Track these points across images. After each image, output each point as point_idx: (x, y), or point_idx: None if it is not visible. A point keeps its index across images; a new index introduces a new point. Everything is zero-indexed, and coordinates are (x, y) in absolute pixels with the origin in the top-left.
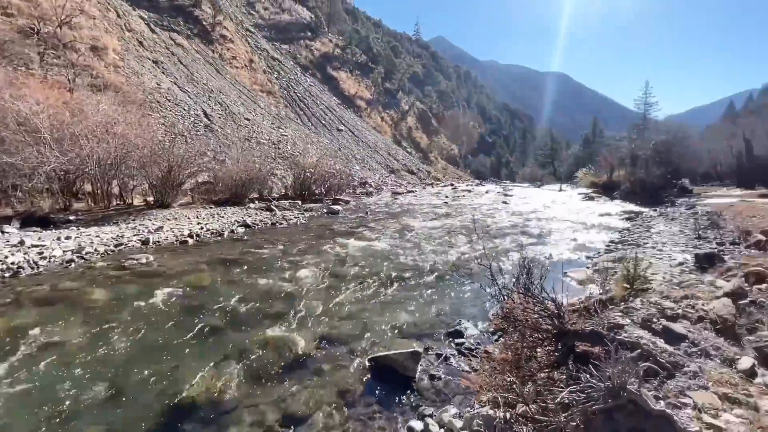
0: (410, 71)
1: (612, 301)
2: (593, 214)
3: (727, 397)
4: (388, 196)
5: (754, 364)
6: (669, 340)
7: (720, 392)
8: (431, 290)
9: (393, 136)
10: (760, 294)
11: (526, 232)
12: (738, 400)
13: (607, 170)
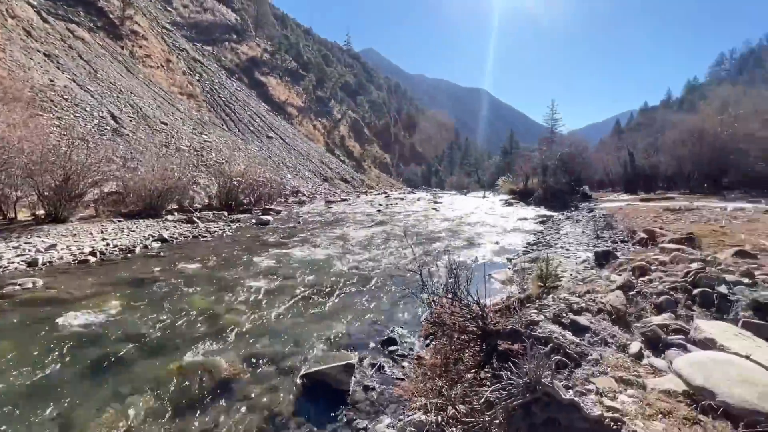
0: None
1: (529, 299)
2: (512, 218)
3: (622, 380)
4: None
5: (641, 347)
6: (575, 332)
7: (617, 376)
8: (366, 299)
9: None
10: (644, 285)
11: (455, 237)
12: (630, 381)
13: (523, 178)
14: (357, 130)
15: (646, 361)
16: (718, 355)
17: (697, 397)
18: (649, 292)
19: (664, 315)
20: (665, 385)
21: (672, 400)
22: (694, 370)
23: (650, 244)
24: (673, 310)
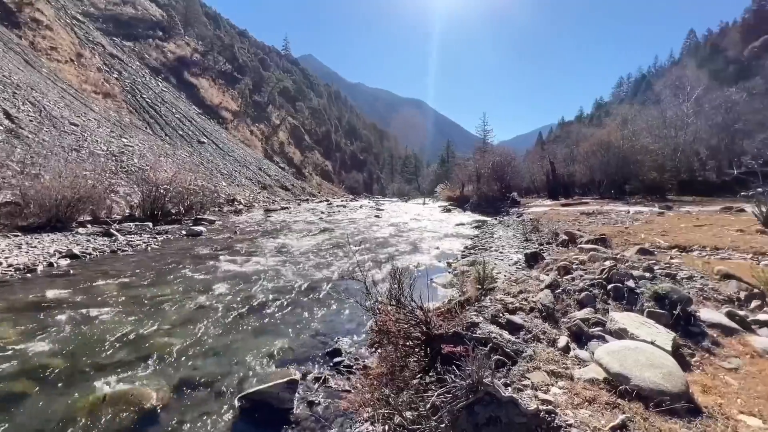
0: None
1: (468, 301)
2: (451, 224)
3: (553, 373)
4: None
5: (568, 341)
6: (511, 331)
7: (548, 369)
8: (309, 310)
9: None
10: (568, 283)
11: (397, 243)
12: (560, 373)
13: (460, 186)
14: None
15: (573, 353)
16: (630, 343)
17: (616, 382)
18: (572, 290)
19: (586, 310)
20: (589, 374)
21: (595, 388)
22: (612, 358)
23: (570, 245)
24: (593, 304)
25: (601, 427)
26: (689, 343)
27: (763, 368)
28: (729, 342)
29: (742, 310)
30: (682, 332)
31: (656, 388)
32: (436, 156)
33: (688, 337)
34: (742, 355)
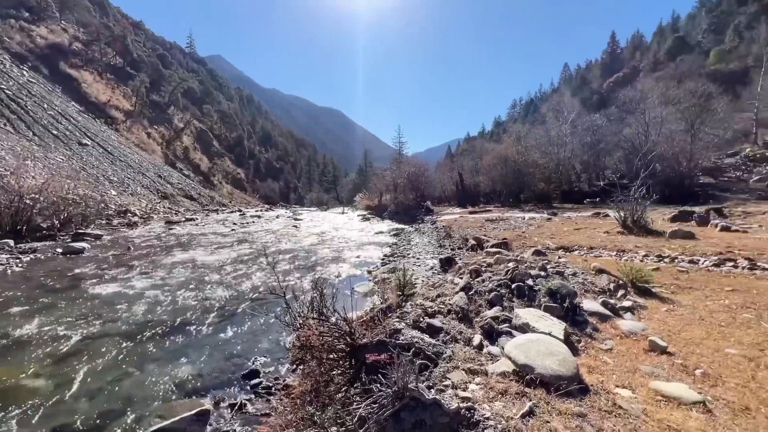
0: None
1: (391, 308)
2: (370, 232)
3: (470, 371)
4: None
5: (481, 339)
6: (432, 334)
7: (466, 367)
8: (222, 330)
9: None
10: (479, 285)
11: (318, 253)
12: (476, 370)
13: (378, 195)
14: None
15: (486, 350)
16: (532, 336)
17: (523, 373)
18: (483, 290)
19: (495, 308)
20: (500, 368)
21: (506, 380)
22: (519, 351)
23: (478, 249)
24: (501, 303)
25: (513, 415)
26: (576, 330)
27: (629, 347)
28: (604, 327)
29: (612, 299)
30: (570, 322)
31: (555, 374)
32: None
33: (575, 325)
34: (614, 337)
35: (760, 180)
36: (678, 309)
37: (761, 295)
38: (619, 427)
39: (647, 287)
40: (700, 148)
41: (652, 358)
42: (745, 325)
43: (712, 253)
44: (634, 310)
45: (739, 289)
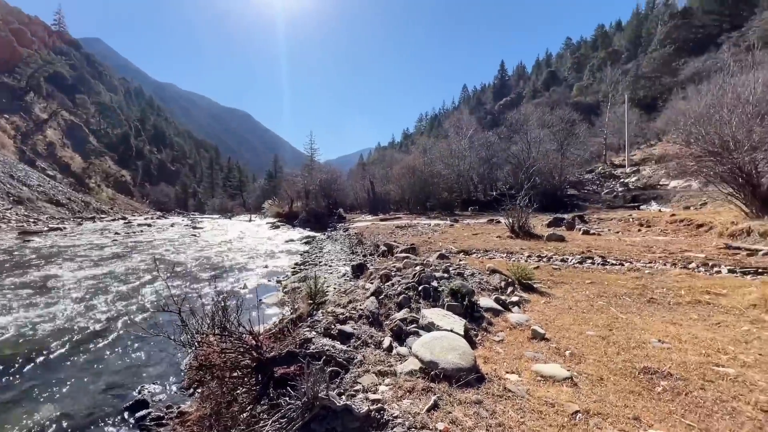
0: (50, 69)
1: (301, 318)
2: (280, 240)
3: (380, 373)
4: (11, 238)
5: (391, 341)
6: (343, 340)
7: (377, 370)
8: (98, 359)
9: (20, 152)
10: (389, 289)
11: (222, 265)
12: (386, 372)
13: (289, 202)
14: (77, 137)
15: (395, 351)
16: (437, 334)
17: (428, 369)
18: (392, 294)
19: (404, 310)
20: (408, 367)
21: (414, 378)
22: (425, 349)
23: (389, 254)
24: (409, 305)
25: (419, 411)
26: (474, 326)
27: (516, 336)
28: (497, 320)
29: (503, 296)
30: (469, 318)
31: (456, 367)
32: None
33: (473, 321)
34: (505, 329)
35: (609, 192)
36: (553, 301)
37: (610, 286)
38: (509, 408)
39: (530, 283)
40: (567, 165)
41: (534, 345)
42: (599, 311)
43: (577, 252)
44: (520, 304)
45: (595, 282)
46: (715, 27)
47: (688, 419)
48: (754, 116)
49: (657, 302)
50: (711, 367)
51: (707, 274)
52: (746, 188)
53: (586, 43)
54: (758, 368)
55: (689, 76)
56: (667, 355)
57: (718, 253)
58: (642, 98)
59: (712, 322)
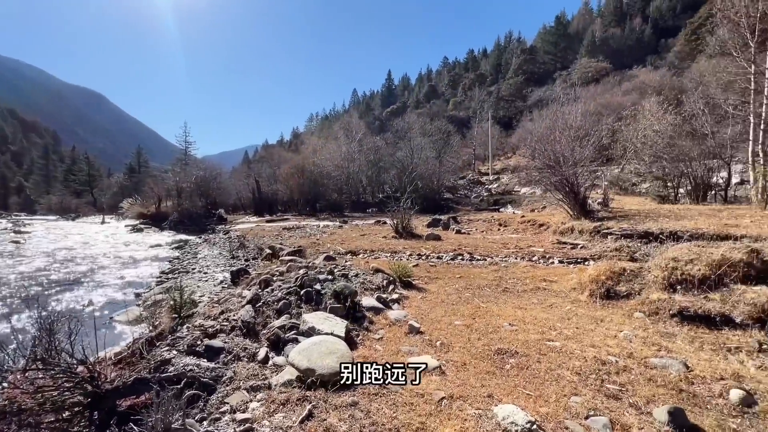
0: None
1: (162, 335)
2: (143, 246)
3: (252, 388)
4: None
5: (267, 351)
6: (210, 357)
7: (248, 386)
8: None
9: None
10: (268, 295)
11: (57, 278)
12: (259, 386)
13: (156, 201)
14: None
15: (271, 362)
16: (316, 339)
17: (305, 377)
18: (272, 300)
19: (283, 317)
20: (284, 377)
21: (289, 389)
22: (302, 356)
23: (274, 258)
24: (289, 311)
25: (292, 424)
26: (356, 326)
27: (395, 332)
28: (378, 319)
29: (385, 294)
30: (352, 319)
31: (334, 371)
32: (123, 164)
33: (355, 321)
34: (385, 326)
35: (477, 197)
36: (428, 296)
37: (475, 279)
38: (383, 405)
39: (410, 281)
40: (444, 171)
41: (410, 339)
42: (466, 302)
43: (450, 250)
44: (400, 301)
45: (463, 276)
46: (551, 65)
47: (528, 389)
48: (576, 139)
49: (509, 291)
50: (545, 342)
51: (545, 265)
52: (570, 195)
53: (460, 64)
54: (575, 339)
55: (535, 102)
56: (515, 336)
57: (553, 247)
58: (502, 117)
59: (547, 304)
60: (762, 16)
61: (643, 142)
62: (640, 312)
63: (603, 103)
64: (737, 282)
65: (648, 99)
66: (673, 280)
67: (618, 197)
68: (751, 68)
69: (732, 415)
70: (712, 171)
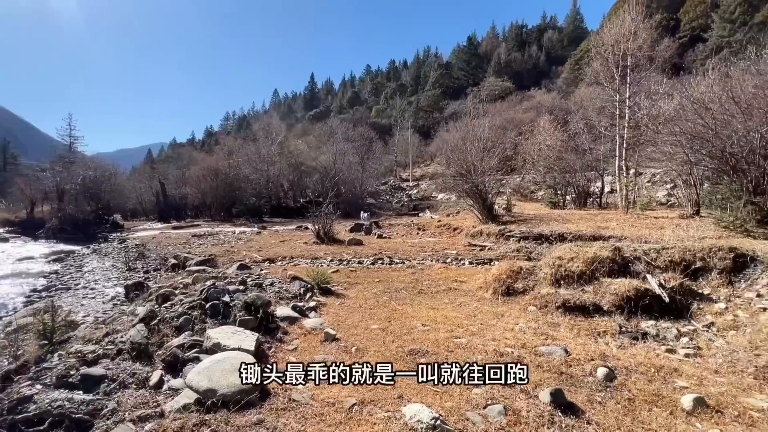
0: None
1: (25, 367)
2: (9, 260)
3: (141, 418)
4: None
5: (161, 375)
6: (89, 388)
7: (136, 416)
8: None
9: None
10: (166, 311)
11: None
12: (149, 415)
13: (28, 205)
14: None
15: (167, 386)
16: (219, 356)
17: (205, 399)
18: (171, 317)
19: (184, 334)
20: (181, 401)
21: (186, 414)
22: (202, 377)
23: (180, 269)
24: (191, 327)
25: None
26: (268, 338)
27: (310, 342)
28: (293, 328)
29: (302, 302)
30: (264, 331)
31: (237, 390)
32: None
33: (268, 333)
34: (300, 336)
35: (398, 202)
36: (347, 301)
37: (393, 282)
38: (291, 419)
39: (328, 287)
40: (367, 176)
41: (325, 347)
42: (383, 305)
43: (371, 254)
44: (317, 308)
45: (382, 280)
46: (465, 80)
47: (436, 387)
48: (484, 150)
49: (424, 292)
50: (453, 340)
51: (457, 266)
52: (479, 201)
53: (382, 74)
54: (479, 335)
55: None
56: (427, 336)
57: (465, 249)
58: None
59: (457, 303)
60: (623, 54)
61: (538, 155)
62: (533, 306)
63: (507, 119)
64: (605, 276)
65: (542, 117)
66: (558, 276)
67: (520, 203)
68: (617, 97)
69: (598, 389)
70: (591, 181)
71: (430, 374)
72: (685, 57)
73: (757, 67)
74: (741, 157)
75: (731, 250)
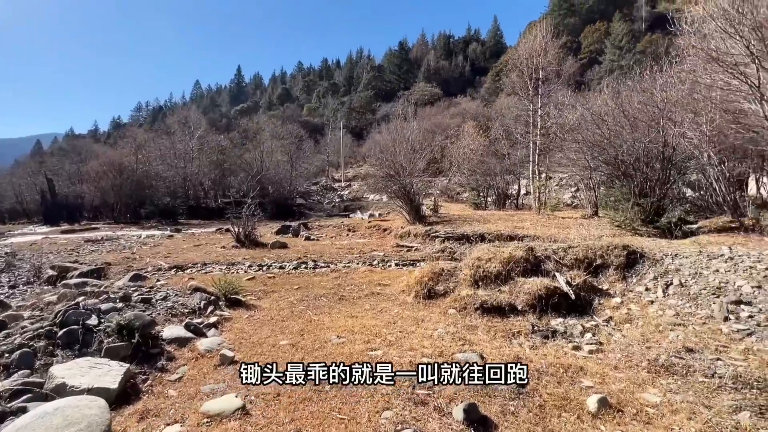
0: None
1: None
2: None
3: None
4: None
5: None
6: None
7: None
8: None
9: None
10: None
11: None
12: None
13: None
14: None
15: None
16: (48, 407)
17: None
18: (2, 351)
19: (17, 374)
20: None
21: None
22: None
23: (60, 281)
24: (31, 364)
25: None
26: (146, 367)
27: (201, 368)
28: (182, 352)
29: (200, 318)
30: (141, 358)
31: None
32: None
33: (146, 361)
34: (189, 361)
35: (329, 203)
36: (257, 313)
37: (313, 288)
38: None
39: (238, 298)
40: (297, 176)
41: (218, 374)
42: (298, 316)
43: (295, 258)
44: (219, 324)
45: (302, 286)
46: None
47: (343, 412)
48: (413, 152)
49: (345, 298)
50: (368, 353)
51: (382, 269)
52: (408, 202)
53: (314, 71)
54: (396, 345)
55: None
56: (341, 349)
57: (392, 250)
58: (354, 127)
59: (378, 309)
60: (536, 68)
61: (463, 158)
62: (452, 309)
63: (435, 123)
64: (520, 275)
65: (467, 123)
66: (477, 276)
67: (446, 204)
68: (530, 106)
69: (511, 398)
70: (509, 184)
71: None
72: (586, 75)
73: (641, 86)
74: (630, 163)
75: (624, 247)
